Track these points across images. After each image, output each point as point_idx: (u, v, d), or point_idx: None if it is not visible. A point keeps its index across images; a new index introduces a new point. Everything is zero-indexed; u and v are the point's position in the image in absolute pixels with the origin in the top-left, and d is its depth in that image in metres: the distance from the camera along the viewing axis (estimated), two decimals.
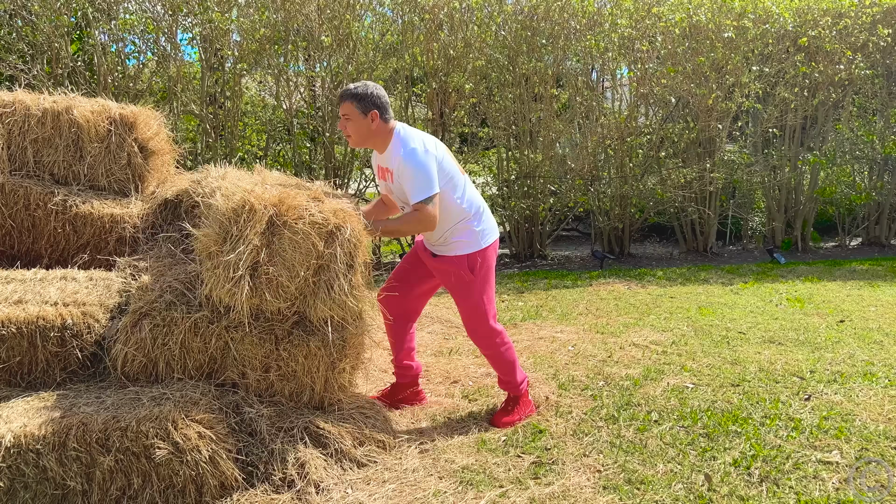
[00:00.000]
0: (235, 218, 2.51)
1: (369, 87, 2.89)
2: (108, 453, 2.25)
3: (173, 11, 6.52)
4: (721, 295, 5.83)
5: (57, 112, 3.27)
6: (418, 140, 2.88)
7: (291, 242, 2.55)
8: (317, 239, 2.58)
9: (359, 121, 2.89)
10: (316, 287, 2.63)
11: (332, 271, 2.61)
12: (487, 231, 3.07)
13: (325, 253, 2.61)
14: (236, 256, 2.46)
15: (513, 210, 7.30)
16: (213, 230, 2.54)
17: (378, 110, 2.88)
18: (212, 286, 2.53)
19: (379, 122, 2.90)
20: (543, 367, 3.97)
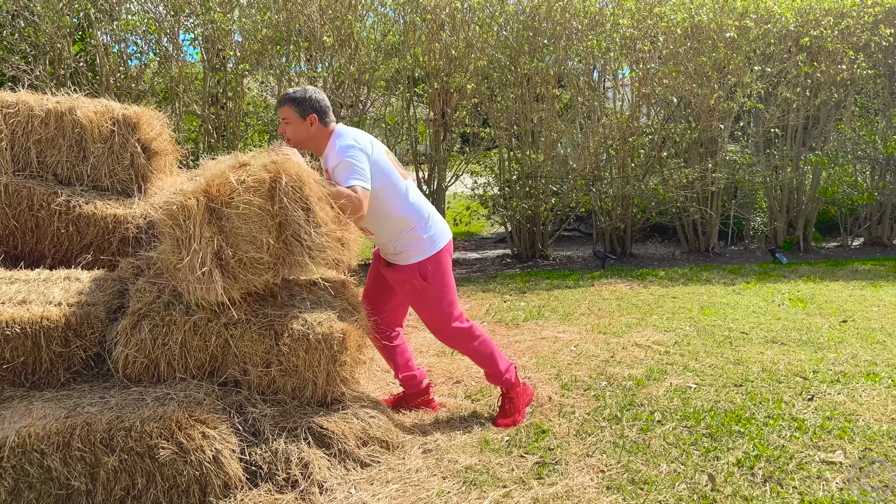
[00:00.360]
0: (176, 223, 2.47)
1: (308, 92, 2.91)
2: (112, 453, 2.26)
3: (175, 12, 6.53)
4: (723, 295, 5.83)
5: (60, 113, 3.27)
6: (350, 137, 2.86)
7: (239, 217, 2.50)
8: (260, 200, 2.52)
9: (297, 124, 2.91)
10: (288, 245, 2.61)
11: (293, 222, 2.57)
12: (437, 236, 3.03)
13: (275, 210, 2.56)
14: (192, 256, 2.43)
15: (514, 210, 7.30)
16: (165, 245, 2.53)
17: (317, 114, 2.90)
18: (191, 294, 2.50)
19: (318, 125, 2.91)
20: (546, 367, 3.97)
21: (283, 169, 2.58)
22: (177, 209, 2.46)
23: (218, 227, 2.52)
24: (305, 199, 2.59)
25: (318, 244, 2.60)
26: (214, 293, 2.48)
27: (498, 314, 5.21)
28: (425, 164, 7.42)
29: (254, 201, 2.52)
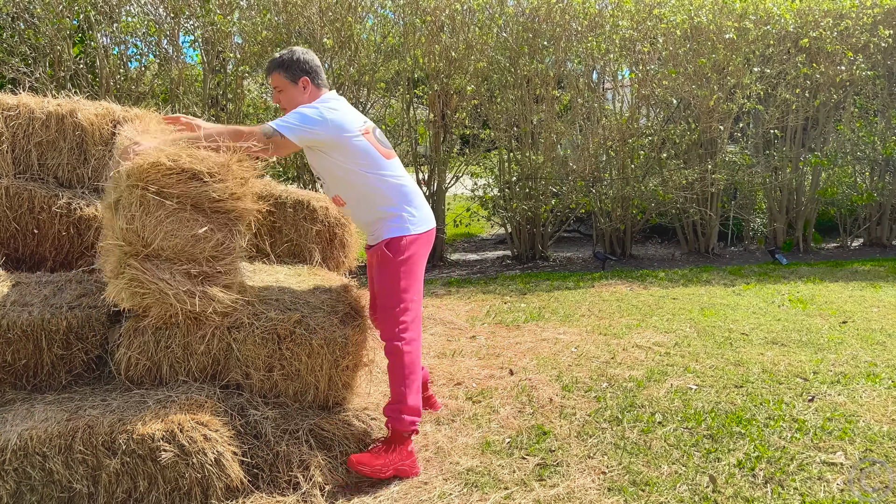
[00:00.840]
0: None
1: (296, 53, 2.73)
2: (114, 456, 2.26)
3: (175, 14, 6.53)
4: (723, 296, 5.83)
5: (61, 115, 3.27)
6: (334, 106, 2.67)
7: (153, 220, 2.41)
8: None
9: (290, 90, 2.74)
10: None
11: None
12: (418, 220, 2.80)
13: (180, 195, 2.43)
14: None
15: (514, 211, 7.31)
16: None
17: (308, 76, 2.73)
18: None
19: (312, 87, 2.75)
20: (547, 368, 3.97)
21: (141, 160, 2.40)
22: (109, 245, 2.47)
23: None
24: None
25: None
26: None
27: (498, 315, 5.21)
28: (425, 166, 7.42)
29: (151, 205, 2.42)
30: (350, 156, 2.67)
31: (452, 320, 5.01)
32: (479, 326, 4.92)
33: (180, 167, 2.38)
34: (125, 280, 2.38)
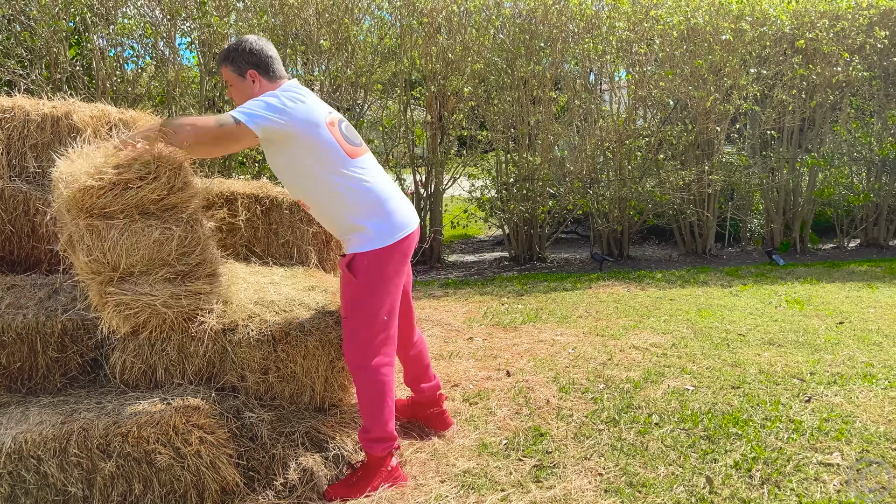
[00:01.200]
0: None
1: (244, 43, 2.48)
2: (109, 459, 2.25)
3: (172, 16, 6.53)
4: (720, 297, 5.83)
5: (56, 117, 3.26)
6: (297, 95, 2.42)
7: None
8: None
9: (238, 85, 2.51)
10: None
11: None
12: (388, 230, 2.49)
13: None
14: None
15: (512, 213, 7.31)
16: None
17: (257, 68, 2.48)
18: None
19: (262, 81, 2.49)
20: (544, 370, 3.97)
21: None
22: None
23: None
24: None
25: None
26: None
27: (496, 317, 5.21)
28: (422, 167, 7.42)
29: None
30: (312, 151, 2.41)
31: (449, 322, 5.01)
32: (477, 328, 4.92)
33: (109, 182, 2.26)
34: (111, 307, 2.35)
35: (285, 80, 2.55)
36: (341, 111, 6.99)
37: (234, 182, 3.38)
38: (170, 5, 6.46)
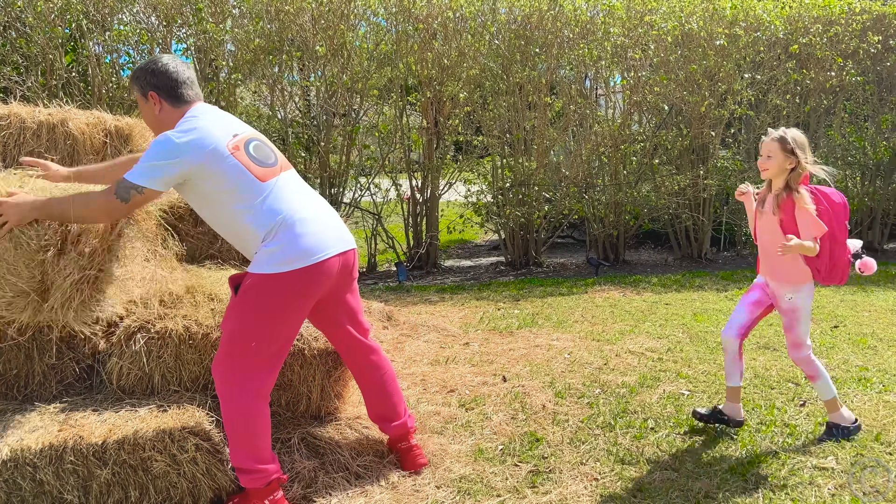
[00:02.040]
0: None
1: (151, 63, 2.31)
2: (105, 466, 2.25)
3: (168, 22, 6.54)
4: (716, 301, 5.85)
5: (52, 125, 3.27)
6: (191, 124, 2.25)
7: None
8: None
9: (143, 106, 2.35)
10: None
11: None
12: (282, 256, 2.27)
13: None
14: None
15: (508, 218, 7.33)
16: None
17: (157, 91, 2.29)
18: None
19: (163, 104, 2.31)
20: (540, 375, 3.98)
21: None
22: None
23: None
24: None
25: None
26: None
27: (492, 322, 5.22)
28: (419, 173, 7.44)
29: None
30: (215, 180, 2.25)
31: (446, 327, 5.01)
32: (473, 333, 4.93)
33: None
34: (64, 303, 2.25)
35: (192, 105, 2.35)
36: (337, 116, 7.00)
37: None
38: (165, 12, 6.48)
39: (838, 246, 2.93)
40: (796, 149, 2.88)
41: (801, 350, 3.07)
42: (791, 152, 2.88)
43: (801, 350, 3.07)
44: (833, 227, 2.90)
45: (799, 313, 3.03)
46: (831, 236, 2.91)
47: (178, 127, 2.24)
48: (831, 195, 2.94)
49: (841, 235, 2.93)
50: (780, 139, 2.90)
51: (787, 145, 2.89)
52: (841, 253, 2.94)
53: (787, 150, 2.88)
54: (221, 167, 2.24)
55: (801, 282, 2.99)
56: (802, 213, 2.87)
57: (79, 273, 2.22)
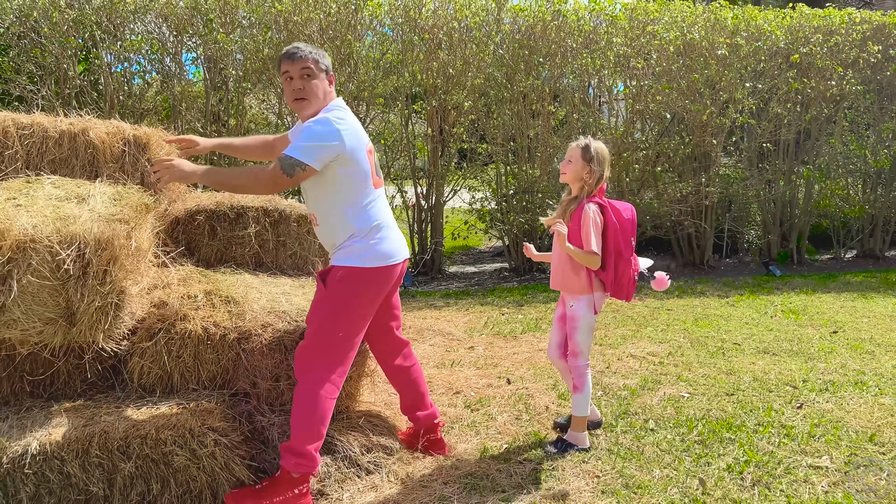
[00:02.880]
0: None
1: (322, 50, 2.65)
2: (128, 460, 2.36)
3: (178, 32, 6.68)
4: (717, 307, 5.94)
5: (73, 134, 3.39)
6: (342, 115, 2.56)
7: None
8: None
9: (316, 81, 2.58)
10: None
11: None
12: (370, 254, 2.55)
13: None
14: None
15: (512, 224, 7.43)
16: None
17: (327, 74, 2.64)
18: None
19: (330, 88, 2.65)
20: (543, 377, 4.08)
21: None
22: None
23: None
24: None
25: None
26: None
27: (496, 327, 5.32)
28: (424, 180, 7.55)
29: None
30: (348, 171, 2.52)
31: (451, 331, 5.12)
32: (478, 337, 5.03)
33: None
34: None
35: (337, 97, 2.69)
36: None
37: (243, 196, 3.50)
38: (177, 23, 6.63)
39: (623, 262, 2.96)
40: (595, 161, 2.94)
41: (578, 359, 3.07)
42: (589, 161, 2.94)
43: (577, 359, 3.07)
44: (618, 242, 2.94)
45: (579, 322, 3.04)
46: (616, 252, 2.95)
47: (333, 112, 2.55)
48: (622, 211, 2.98)
49: (626, 251, 2.96)
50: (583, 147, 2.97)
51: (588, 154, 2.95)
52: (625, 269, 2.97)
53: (587, 160, 2.95)
54: (358, 162, 2.55)
55: (580, 292, 3.03)
56: (584, 226, 2.92)
57: (101, 300, 2.35)
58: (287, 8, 6.72)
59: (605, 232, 2.96)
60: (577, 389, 3.09)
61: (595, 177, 2.97)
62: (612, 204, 3.01)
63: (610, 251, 2.96)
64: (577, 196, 3.01)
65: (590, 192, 2.99)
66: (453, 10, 7.03)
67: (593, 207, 2.95)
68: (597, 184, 2.98)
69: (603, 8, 7.34)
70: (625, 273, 2.99)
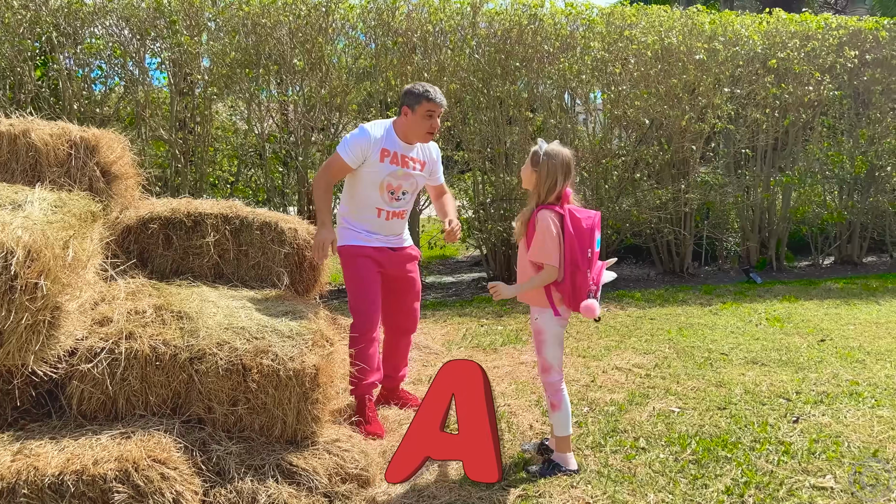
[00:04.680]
0: None
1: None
2: (62, 499, 2.08)
3: (141, 36, 6.39)
4: (701, 316, 5.78)
5: (14, 135, 3.11)
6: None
7: None
8: None
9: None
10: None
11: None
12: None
13: None
14: None
15: (489, 233, 7.23)
16: None
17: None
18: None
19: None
20: (526, 393, 3.85)
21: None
22: None
23: None
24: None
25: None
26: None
27: (475, 339, 5.10)
28: None
29: None
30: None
31: (428, 345, 4.88)
32: (456, 350, 4.80)
33: None
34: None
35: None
36: (315, 132, 6.88)
37: (201, 202, 3.24)
38: (139, 25, 6.34)
39: (580, 273, 2.75)
40: (545, 167, 2.74)
41: (550, 374, 2.88)
42: (536, 167, 2.76)
43: (549, 374, 2.88)
44: (574, 252, 2.74)
45: (544, 335, 2.86)
46: (572, 263, 2.75)
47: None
48: (582, 219, 2.79)
49: (583, 263, 2.76)
50: (532, 152, 2.81)
51: (535, 159, 2.77)
52: (583, 281, 2.77)
53: (534, 165, 2.77)
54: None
55: (541, 304, 2.83)
56: (536, 235, 2.74)
57: (31, 317, 2.08)
58: (255, 10, 6.47)
59: (562, 242, 2.75)
60: (554, 408, 2.88)
61: (545, 183, 2.76)
62: (572, 212, 2.80)
63: (567, 262, 2.76)
64: (530, 206, 2.83)
65: (542, 200, 2.79)
66: (427, 14, 6.84)
67: (548, 215, 2.75)
68: (548, 192, 2.77)
69: (580, 12, 7.20)
70: (583, 285, 2.77)
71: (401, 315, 3.52)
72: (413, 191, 3.41)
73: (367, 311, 3.21)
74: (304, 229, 3.36)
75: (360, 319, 3.21)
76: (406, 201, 3.40)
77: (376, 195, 3.27)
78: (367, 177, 3.23)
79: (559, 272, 2.75)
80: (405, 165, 3.30)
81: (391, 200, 3.31)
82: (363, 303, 3.21)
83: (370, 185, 3.26)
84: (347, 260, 3.27)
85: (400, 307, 3.50)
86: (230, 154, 7.19)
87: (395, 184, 3.29)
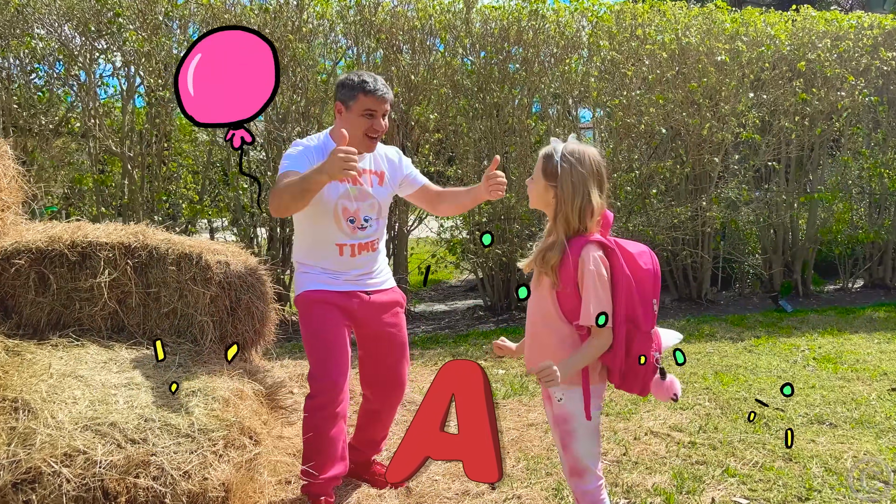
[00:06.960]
0: None
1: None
2: None
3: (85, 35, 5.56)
4: (736, 355, 4.93)
5: None
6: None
7: None
8: None
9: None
10: None
11: None
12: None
13: None
14: None
15: (487, 256, 6.37)
16: None
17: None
18: None
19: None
20: (539, 474, 2.97)
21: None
22: None
23: None
24: None
25: None
26: None
27: None
28: None
29: None
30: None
31: (414, 398, 3.99)
32: None
33: None
34: None
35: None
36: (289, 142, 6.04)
37: (95, 227, 2.36)
38: (82, 18, 5.50)
39: (641, 335, 1.88)
40: (565, 179, 1.83)
41: (584, 479, 1.97)
42: (551, 179, 1.86)
43: (582, 479, 1.97)
44: (633, 306, 1.86)
45: (573, 424, 1.94)
46: (630, 321, 1.86)
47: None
48: (637, 256, 1.89)
49: (645, 321, 1.88)
50: (545, 157, 1.91)
51: (550, 168, 1.86)
52: (643, 345, 1.88)
53: (548, 176, 1.87)
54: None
55: (572, 381, 1.91)
56: (586, 285, 1.83)
57: None
58: (217, 3, 5.65)
59: (613, 289, 1.85)
60: None
61: (573, 203, 1.85)
62: (621, 245, 1.90)
63: (620, 320, 1.85)
64: (559, 238, 1.89)
65: (577, 230, 1.88)
66: (415, 10, 6.03)
67: (595, 253, 1.85)
68: (581, 215, 1.85)
69: (587, 8, 6.42)
70: (642, 352, 1.88)
71: (379, 381, 2.69)
72: (378, 214, 2.64)
73: (327, 378, 2.33)
74: (241, 262, 2.49)
75: (318, 388, 2.33)
76: (373, 229, 2.62)
77: (333, 228, 2.46)
78: (316, 206, 2.39)
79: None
80: (356, 182, 2.49)
81: (353, 231, 2.53)
82: (321, 367, 2.35)
83: (322, 216, 2.45)
84: (303, 310, 2.42)
85: (378, 370, 2.67)
86: (192, 167, 6.34)
87: (351, 208, 2.53)
